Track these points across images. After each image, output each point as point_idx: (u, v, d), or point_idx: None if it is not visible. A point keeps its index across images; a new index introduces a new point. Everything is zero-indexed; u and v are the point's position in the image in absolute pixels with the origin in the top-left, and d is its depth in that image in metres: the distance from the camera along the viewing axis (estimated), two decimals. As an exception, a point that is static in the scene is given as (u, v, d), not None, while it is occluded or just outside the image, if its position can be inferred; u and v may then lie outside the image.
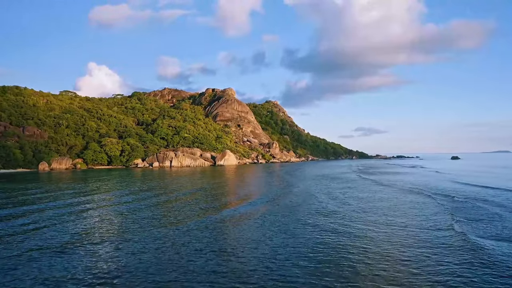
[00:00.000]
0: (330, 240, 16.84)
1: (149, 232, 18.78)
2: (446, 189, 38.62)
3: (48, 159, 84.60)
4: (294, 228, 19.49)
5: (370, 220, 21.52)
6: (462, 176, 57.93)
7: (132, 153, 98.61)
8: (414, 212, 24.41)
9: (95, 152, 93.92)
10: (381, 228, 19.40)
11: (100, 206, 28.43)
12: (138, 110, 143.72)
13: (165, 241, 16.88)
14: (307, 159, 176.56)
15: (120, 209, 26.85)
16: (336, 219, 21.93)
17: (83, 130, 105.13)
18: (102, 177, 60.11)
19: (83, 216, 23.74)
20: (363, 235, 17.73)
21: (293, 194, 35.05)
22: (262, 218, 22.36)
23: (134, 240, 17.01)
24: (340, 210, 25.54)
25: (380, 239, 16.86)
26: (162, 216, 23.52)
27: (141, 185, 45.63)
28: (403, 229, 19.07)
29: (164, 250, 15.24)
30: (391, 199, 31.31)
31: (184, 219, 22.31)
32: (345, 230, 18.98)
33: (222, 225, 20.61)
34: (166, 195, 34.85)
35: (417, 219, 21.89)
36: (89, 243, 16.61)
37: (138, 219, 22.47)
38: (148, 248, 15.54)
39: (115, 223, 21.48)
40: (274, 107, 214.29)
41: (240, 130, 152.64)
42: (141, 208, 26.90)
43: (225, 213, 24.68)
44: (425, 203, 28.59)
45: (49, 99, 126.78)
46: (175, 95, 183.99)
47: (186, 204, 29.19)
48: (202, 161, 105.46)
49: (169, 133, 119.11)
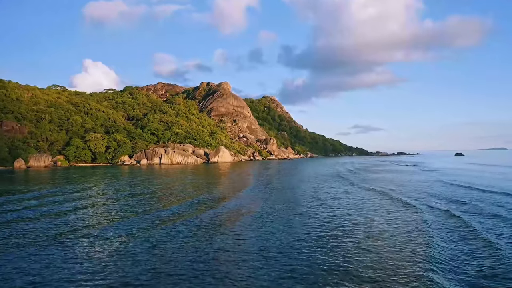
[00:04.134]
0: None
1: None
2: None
3: (25, 156, 77.97)
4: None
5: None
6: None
7: (118, 150, 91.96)
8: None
9: (78, 148, 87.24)
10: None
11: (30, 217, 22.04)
12: (129, 105, 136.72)
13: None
14: (305, 156, 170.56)
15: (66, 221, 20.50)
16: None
17: (67, 125, 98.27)
18: (75, 176, 53.67)
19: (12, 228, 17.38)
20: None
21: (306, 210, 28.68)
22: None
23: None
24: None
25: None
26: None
27: (107, 187, 39.26)
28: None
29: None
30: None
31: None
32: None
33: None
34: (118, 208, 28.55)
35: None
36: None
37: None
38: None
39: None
40: (271, 103, 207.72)
41: (236, 126, 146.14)
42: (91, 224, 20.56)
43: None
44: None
45: (35, 93, 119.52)
46: (168, 90, 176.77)
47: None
48: (195, 158, 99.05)
49: (160, 129, 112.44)
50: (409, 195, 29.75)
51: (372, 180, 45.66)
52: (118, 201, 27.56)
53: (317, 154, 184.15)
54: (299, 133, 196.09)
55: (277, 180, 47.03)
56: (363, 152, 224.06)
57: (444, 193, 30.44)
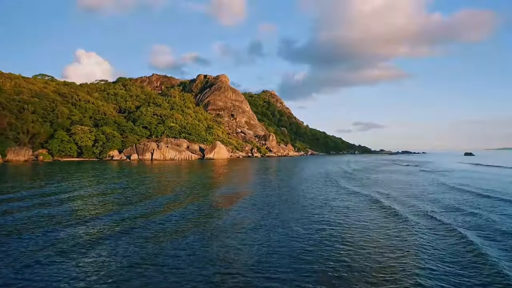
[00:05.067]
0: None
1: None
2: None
3: (2, 149, 71.08)
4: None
5: None
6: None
7: (107, 144, 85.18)
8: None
9: (62, 141, 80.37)
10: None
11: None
12: (121, 97, 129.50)
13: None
14: (306, 153, 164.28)
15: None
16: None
17: (51, 116, 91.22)
18: (52, 172, 46.87)
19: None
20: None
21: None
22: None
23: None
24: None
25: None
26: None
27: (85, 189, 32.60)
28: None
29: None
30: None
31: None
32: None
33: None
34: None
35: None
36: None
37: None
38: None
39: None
40: (271, 97, 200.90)
41: (234, 121, 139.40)
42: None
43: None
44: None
45: (18, 81, 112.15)
46: (164, 82, 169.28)
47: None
48: (189, 154, 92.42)
49: (153, 122, 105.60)
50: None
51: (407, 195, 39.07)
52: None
53: (318, 152, 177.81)
54: (299, 130, 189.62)
55: (279, 182, 40.59)
56: (366, 150, 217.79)
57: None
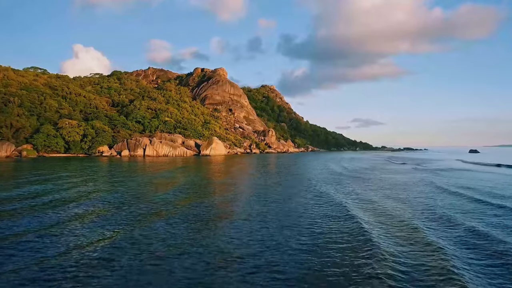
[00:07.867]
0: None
1: None
2: None
3: (-17, 144, 66.54)
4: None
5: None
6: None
7: (96, 139, 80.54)
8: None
9: (48, 136, 75.69)
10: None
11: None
12: (115, 90, 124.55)
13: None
14: (306, 149, 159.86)
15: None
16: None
17: (39, 109, 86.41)
18: (34, 169, 42.24)
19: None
20: None
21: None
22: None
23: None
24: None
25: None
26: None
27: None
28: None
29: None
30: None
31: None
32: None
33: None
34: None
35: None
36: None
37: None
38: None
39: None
40: (270, 92, 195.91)
41: (232, 116, 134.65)
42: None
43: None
44: None
45: (7, 74, 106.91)
46: (160, 76, 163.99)
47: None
48: (184, 150, 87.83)
49: (146, 116, 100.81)
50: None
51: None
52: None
53: (319, 148, 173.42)
54: (299, 125, 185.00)
55: (279, 183, 36.13)
56: (368, 146, 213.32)
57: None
